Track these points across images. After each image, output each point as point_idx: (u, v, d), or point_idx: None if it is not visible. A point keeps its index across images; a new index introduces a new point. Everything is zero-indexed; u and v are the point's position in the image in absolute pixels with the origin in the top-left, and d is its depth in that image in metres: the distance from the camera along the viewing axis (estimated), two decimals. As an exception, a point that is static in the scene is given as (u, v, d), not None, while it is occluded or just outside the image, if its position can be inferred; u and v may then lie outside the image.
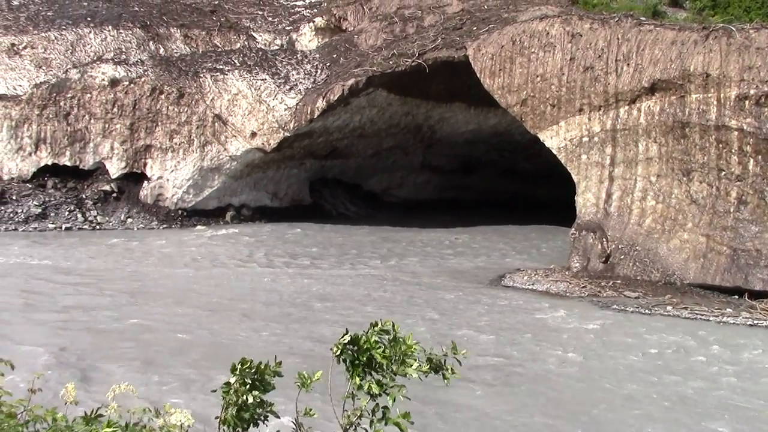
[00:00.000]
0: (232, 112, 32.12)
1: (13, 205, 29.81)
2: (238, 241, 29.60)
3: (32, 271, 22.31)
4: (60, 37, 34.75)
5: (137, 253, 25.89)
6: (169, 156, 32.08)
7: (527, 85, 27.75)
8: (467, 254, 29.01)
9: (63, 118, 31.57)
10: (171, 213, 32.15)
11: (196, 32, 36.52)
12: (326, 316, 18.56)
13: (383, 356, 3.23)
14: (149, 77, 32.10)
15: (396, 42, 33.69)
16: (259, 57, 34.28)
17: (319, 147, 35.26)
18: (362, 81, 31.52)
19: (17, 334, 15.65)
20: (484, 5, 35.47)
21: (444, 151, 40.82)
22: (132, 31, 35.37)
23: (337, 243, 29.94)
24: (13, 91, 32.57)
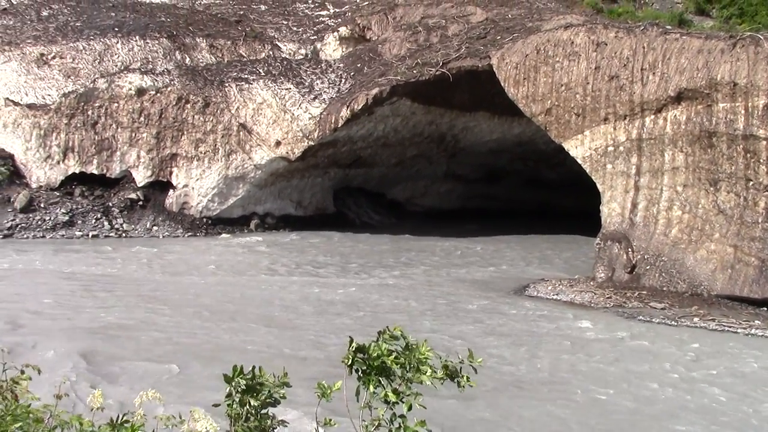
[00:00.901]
0: (257, 121, 32.32)
1: (42, 213, 30.20)
2: (262, 249, 29.73)
3: (58, 277, 22.56)
4: (88, 47, 35.23)
5: (162, 261, 26.09)
6: (195, 164, 32.35)
7: (552, 94, 27.63)
8: (491, 263, 28.88)
9: (91, 127, 31.96)
10: (196, 221, 32.39)
11: (222, 42, 36.85)
12: (347, 324, 18.54)
13: (396, 363, 3.21)
14: (175, 87, 32.42)
15: (420, 51, 33.74)
16: (284, 66, 34.50)
17: (343, 156, 35.36)
18: (386, 90, 31.58)
19: (43, 339, 15.81)
20: (508, 14, 35.44)
21: (468, 160, 40.73)
22: (159, 41, 35.78)
23: (360, 252, 29.96)
24: (42, 101, 33.04)
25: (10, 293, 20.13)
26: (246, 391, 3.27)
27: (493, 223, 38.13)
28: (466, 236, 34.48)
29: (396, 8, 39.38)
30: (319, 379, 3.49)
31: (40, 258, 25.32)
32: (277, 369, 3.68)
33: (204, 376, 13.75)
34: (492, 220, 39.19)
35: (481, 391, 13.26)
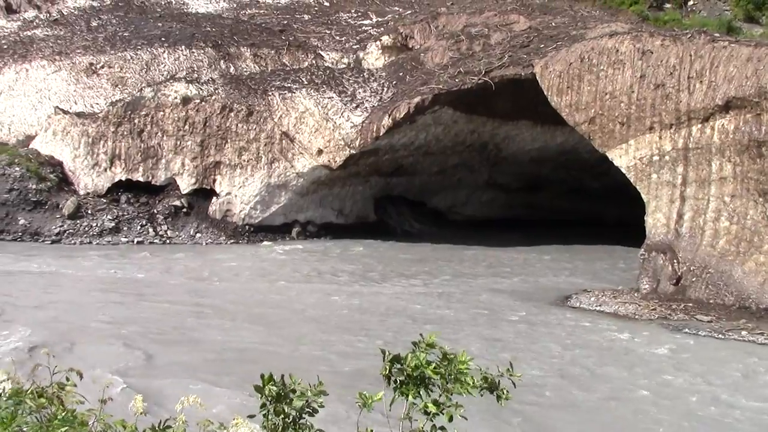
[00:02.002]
0: (300, 129, 32.55)
1: (89, 219, 30.80)
2: (303, 257, 29.90)
3: (104, 282, 22.97)
4: (135, 57, 35.91)
5: (204, 268, 26.39)
6: (238, 172, 32.69)
7: (596, 103, 27.31)
8: (532, 273, 28.61)
9: (137, 135, 32.53)
10: (238, 228, 32.71)
11: (266, 51, 37.24)
12: (386, 333, 18.53)
13: (436, 372, 3.18)
14: (220, 95, 32.83)
15: (462, 60, 33.66)
16: (327, 75, 34.71)
17: (384, 164, 35.41)
18: (428, 99, 31.56)
19: (87, 344, 16.10)
20: (551, 22, 35.17)
21: (510, 169, 40.46)
22: (204, 50, 36.30)
23: (400, 260, 29.94)
24: (91, 109, 33.75)
25: (57, 298, 20.55)
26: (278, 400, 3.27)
27: (535, 232, 37.77)
28: (507, 246, 34.22)
29: (438, 17, 39.37)
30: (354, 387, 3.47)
31: (87, 263, 25.80)
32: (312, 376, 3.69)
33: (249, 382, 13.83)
34: (534, 230, 38.82)
35: (520, 403, 13.12)
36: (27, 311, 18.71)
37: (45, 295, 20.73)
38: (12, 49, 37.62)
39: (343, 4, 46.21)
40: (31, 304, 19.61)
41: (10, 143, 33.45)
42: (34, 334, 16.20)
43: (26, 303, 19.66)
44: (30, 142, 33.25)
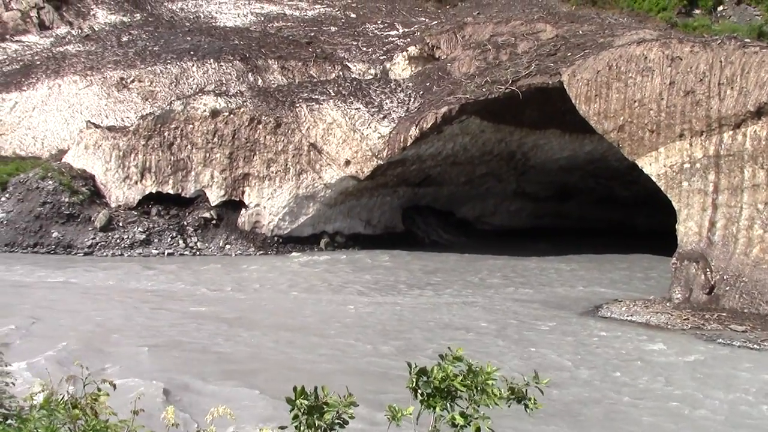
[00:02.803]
0: (327, 140, 32.71)
1: (120, 232, 31.18)
2: (331, 267, 29.97)
3: (136, 294, 23.21)
4: (165, 71, 36.39)
5: (234, 279, 26.57)
6: (266, 184, 32.90)
7: (624, 111, 27.11)
8: (562, 283, 28.40)
9: (167, 148, 32.89)
10: (267, 240, 32.90)
11: (293, 63, 37.52)
12: (415, 343, 18.49)
13: (463, 384, 3.18)
14: (248, 108, 33.11)
15: (489, 69, 33.62)
16: (354, 86, 34.87)
17: (412, 175, 35.43)
18: (455, 109, 31.55)
19: (119, 355, 16.27)
20: (578, 30, 35.00)
21: (538, 178, 40.27)
22: (232, 63, 36.68)
23: (428, 270, 29.89)
24: (121, 123, 34.24)
25: (90, 310, 20.80)
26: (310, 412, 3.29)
27: (564, 241, 37.53)
28: (536, 255, 34.03)
29: (465, 27, 39.39)
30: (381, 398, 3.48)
31: (118, 275, 26.11)
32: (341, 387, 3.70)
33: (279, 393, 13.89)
34: (563, 239, 38.58)
35: (551, 414, 13.02)
36: (60, 322, 18.98)
37: (78, 307, 21.00)
38: (45, 65, 38.32)
39: (370, 15, 46.45)
40: (64, 315, 19.88)
41: (43, 157, 34.02)
42: (67, 346, 16.42)
43: (59, 315, 19.94)
44: (63, 156, 33.78)
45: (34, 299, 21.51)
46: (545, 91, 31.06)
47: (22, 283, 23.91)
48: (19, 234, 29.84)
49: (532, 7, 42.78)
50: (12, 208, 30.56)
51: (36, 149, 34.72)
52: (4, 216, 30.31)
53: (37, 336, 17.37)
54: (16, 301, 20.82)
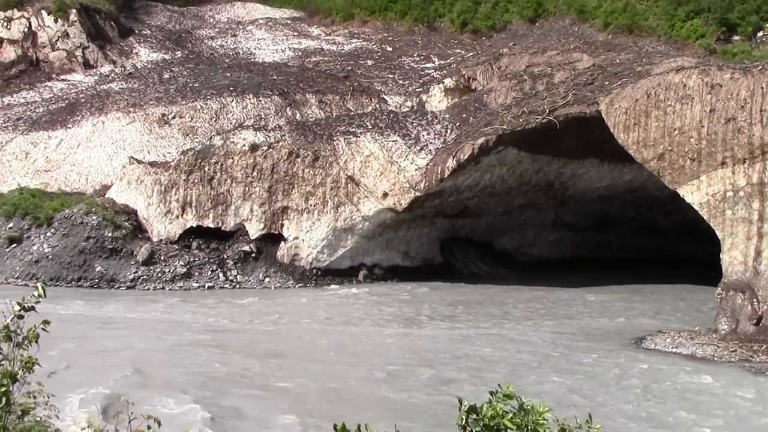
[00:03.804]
0: (365, 173, 32.87)
1: (162, 265, 31.58)
2: (370, 300, 29.93)
3: (179, 328, 23.40)
4: (205, 107, 37.07)
5: (274, 312, 26.66)
6: (305, 217, 33.12)
7: (664, 139, 26.82)
8: (604, 314, 27.95)
9: (207, 183, 33.35)
10: (306, 272, 33.02)
11: (330, 97, 37.95)
12: (457, 376, 18.31)
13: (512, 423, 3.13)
14: (286, 141, 33.48)
15: (526, 99, 33.59)
16: (391, 119, 35.09)
17: (449, 206, 35.38)
18: (492, 140, 31.53)
19: (161, 390, 16.36)
20: (616, 59, 34.87)
21: (577, 207, 39.91)
22: (271, 98, 37.23)
23: (467, 302, 29.68)
24: (163, 158, 34.87)
25: (135, 344, 21.01)
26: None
27: (605, 272, 37.01)
28: (577, 286, 33.59)
29: (501, 58, 39.49)
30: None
31: (160, 309, 26.38)
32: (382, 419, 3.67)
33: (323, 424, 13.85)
34: (604, 269, 38.06)
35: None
36: (105, 357, 19.18)
37: (123, 341, 21.23)
38: (89, 103, 39.31)
39: (406, 48, 46.86)
40: (109, 350, 20.10)
41: (87, 193, 34.71)
42: (113, 381, 16.57)
43: (104, 349, 20.17)
44: (106, 192, 34.45)
45: (80, 333, 21.80)
46: (583, 121, 30.90)
47: (67, 317, 24.26)
48: (63, 268, 30.40)
49: (567, 37, 42.79)
50: (57, 243, 31.19)
51: (80, 185, 35.46)
52: (50, 251, 30.93)
53: (82, 370, 17.57)
54: (60, 335, 21.10)
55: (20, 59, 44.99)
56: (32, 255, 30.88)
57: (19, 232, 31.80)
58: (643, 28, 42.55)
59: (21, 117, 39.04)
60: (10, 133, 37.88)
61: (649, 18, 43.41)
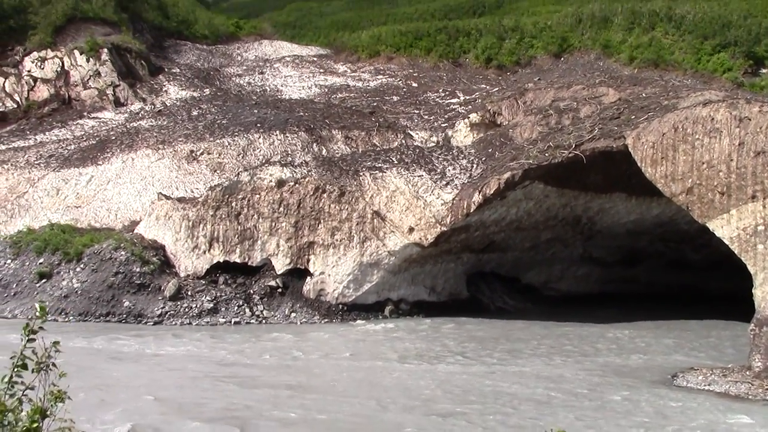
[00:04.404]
0: (391, 208, 32.93)
1: (188, 301, 31.74)
2: (396, 336, 29.76)
3: (205, 363, 23.43)
4: (233, 143, 37.52)
5: (300, 348, 26.59)
6: (331, 252, 33.17)
7: (692, 173, 26.59)
8: (634, 350, 27.52)
9: (234, 218, 33.60)
10: (332, 307, 32.97)
11: (356, 133, 38.25)
12: (484, 416, 18.07)
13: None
14: (313, 177, 33.69)
15: (551, 134, 33.57)
16: (416, 154, 35.21)
17: (475, 241, 35.26)
18: (518, 174, 31.47)
19: (184, 423, 16.34)
20: (642, 93, 34.82)
21: (605, 242, 39.56)
22: (297, 134, 37.61)
23: (494, 338, 29.40)
24: (191, 194, 35.24)
25: (161, 380, 21.05)
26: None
27: (634, 307, 36.54)
28: (605, 321, 33.16)
29: (526, 93, 39.61)
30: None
31: (187, 344, 26.44)
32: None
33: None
34: (633, 305, 37.58)
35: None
36: (131, 393, 19.24)
37: (149, 376, 21.29)
38: (120, 140, 39.97)
39: (431, 84, 47.22)
40: (135, 385, 20.16)
41: (116, 228, 35.12)
42: (138, 418, 16.59)
43: (130, 385, 20.23)
44: (135, 227, 34.83)
45: (109, 369, 21.91)
46: (609, 155, 30.77)
47: (96, 351, 24.42)
48: (92, 303, 30.66)
49: (593, 72, 42.87)
50: (86, 278, 31.51)
51: (110, 221, 35.90)
52: (79, 286, 31.25)
53: (112, 406, 17.62)
54: (90, 371, 21.22)
55: (53, 98, 45.99)
56: (62, 290, 31.22)
57: (49, 268, 32.20)
58: (669, 62, 42.53)
59: (53, 154, 39.77)
60: (42, 170, 38.57)
61: (675, 52, 43.40)
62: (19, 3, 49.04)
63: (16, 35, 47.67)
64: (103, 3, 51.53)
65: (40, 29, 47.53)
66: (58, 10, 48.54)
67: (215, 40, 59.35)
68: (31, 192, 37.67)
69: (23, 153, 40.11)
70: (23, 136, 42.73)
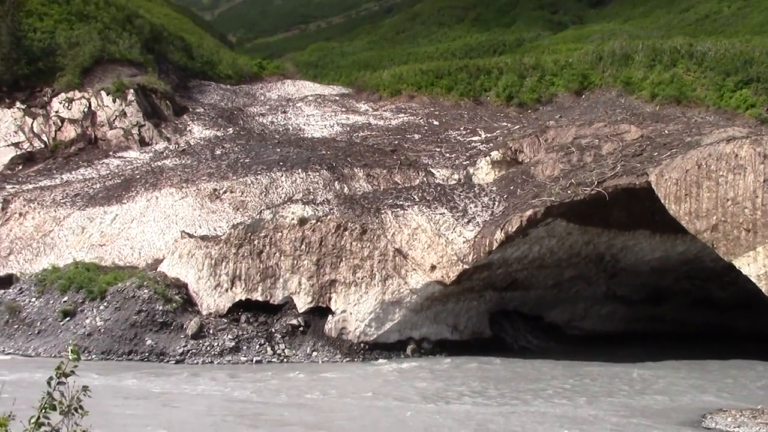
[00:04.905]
0: (412, 246, 32.87)
1: (210, 339, 31.71)
2: (418, 375, 29.49)
3: (228, 403, 23.33)
4: (256, 182, 37.80)
5: (322, 387, 26.42)
6: (352, 290, 33.09)
7: (717, 210, 26.37)
8: (660, 391, 27.01)
9: (256, 256, 33.69)
10: (353, 346, 32.78)
11: (378, 171, 38.40)
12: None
13: None
14: (334, 215, 33.78)
15: (573, 171, 33.49)
16: (438, 192, 35.23)
17: (498, 279, 35.03)
18: (540, 211, 31.34)
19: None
20: (664, 130, 34.73)
21: (629, 280, 39.12)
22: (319, 172, 37.83)
23: (516, 378, 29.02)
24: (214, 232, 35.44)
25: (174, 419, 20.97)
26: None
27: (660, 346, 35.97)
28: (631, 361, 32.63)
29: (547, 130, 39.66)
30: None
31: (209, 383, 26.37)
32: None
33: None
34: (659, 344, 37.01)
35: None
36: None
37: (166, 416, 21.21)
38: (144, 179, 40.41)
39: (452, 122, 47.43)
40: (152, 424, 20.08)
41: (139, 267, 35.32)
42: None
43: (147, 424, 20.15)
44: (158, 265, 35.01)
45: (125, 407, 21.87)
46: (632, 192, 30.61)
47: (115, 389, 24.41)
48: (115, 342, 30.74)
49: (614, 109, 42.88)
50: (109, 316, 31.65)
51: (133, 259, 36.13)
52: (102, 324, 31.38)
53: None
54: (107, 409, 21.20)
55: (79, 138, 46.72)
56: (85, 328, 31.35)
57: (73, 306, 32.40)
58: (691, 98, 42.45)
59: (78, 193, 40.27)
60: (68, 208, 39.03)
61: (697, 89, 43.34)
62: (47, 45, 50.15)
63: (44, 77, 48.64)
64: (129, 45, 52.55)
65: (68, 71, 48.51)
66: (86, 52, 49.55)
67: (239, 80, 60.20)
68: (57, 230, 38.10)
69: (49, 192, 40.66)
70: (50, 176, 43.36)
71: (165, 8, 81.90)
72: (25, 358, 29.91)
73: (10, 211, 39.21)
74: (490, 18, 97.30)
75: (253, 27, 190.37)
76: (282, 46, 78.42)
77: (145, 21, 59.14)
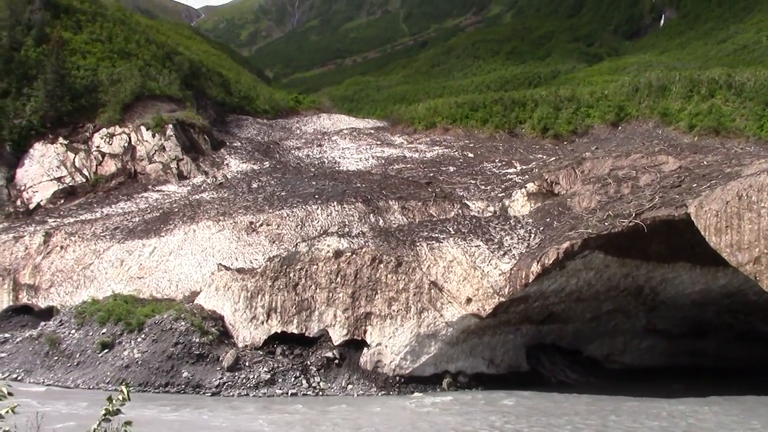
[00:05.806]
0: (448, 278, 32.71)
1: (246, 371, 31.76)
2: (453, 410, 29.11)
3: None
4: (291, 214, 38.07)
5: (357, 422, 26.21)
6: (388, 323, 32.97)
7: (759, 242, 25.84)
8: (703, 428, 26.30)
9: (292, 289, 33.81)
10: (389, 379, 32.57)
11: (413, 203, 38.43)
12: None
13: None
14: (370, 248, 33.82)
15: (610, 203, 33.16)
16: (473, 224, 35.11)
17: (535, 312, 34.63)
18: (577, 244, 31.02)
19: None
20: (703, 161, 34.29)
21: (669, 313, 38.41)
22: (354, 205, 37.97)
23: (555, 414, 28.49)
24: (250, 265, 35.68)
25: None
26: None
27: (702, 382, 35.11)
28: (672, 397, 31.88)
29: (583, 162, 39.40)
30: None
31: (243, 416, 26.34)
32: None
33: None
34: (701, 379, 36.13)
35: None
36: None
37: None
38: (182, 212, 40.97)
39: (488, 154, 47.41)
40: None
41: (177, 299, 35.66)
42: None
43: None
44: (195, 298, 35.31)
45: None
46: (671, 224, 30.16)
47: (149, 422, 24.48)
48: (152, 374, 30.93)
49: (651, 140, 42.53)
50: (147, 348, 31.90)
51: (171, 291, 36.50)
52: (140, 356, 31.63)
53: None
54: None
55: (119, 172, 47.65)
56: (123, 360, 31.62)
57: (111, 338, 32.75)
58: (731, 129, 41.96)
59: (118, 226, 40.93)
60: (107, 241, 39.67)
61: (736, 119, 42.84)
62: (90, 82, 51.45)
63: (87, 113, 49.88)
64: (169, 81, 53.72)
65: (109, 107, 49.67)
66: (127, 89, 50.73)
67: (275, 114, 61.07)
68: (97, 263, 38.69)
69: (90, 225, 41.39)
70: (90, 209, 44.18)
71: (204, 45, 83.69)
72: (63, 390, 30.22)
73: (52, 244, 39.97)
74: (525, 51, 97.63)
75: (290, 62, 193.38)
76: (318, 80, 79.50)
77: (184, 58, 60.48)
